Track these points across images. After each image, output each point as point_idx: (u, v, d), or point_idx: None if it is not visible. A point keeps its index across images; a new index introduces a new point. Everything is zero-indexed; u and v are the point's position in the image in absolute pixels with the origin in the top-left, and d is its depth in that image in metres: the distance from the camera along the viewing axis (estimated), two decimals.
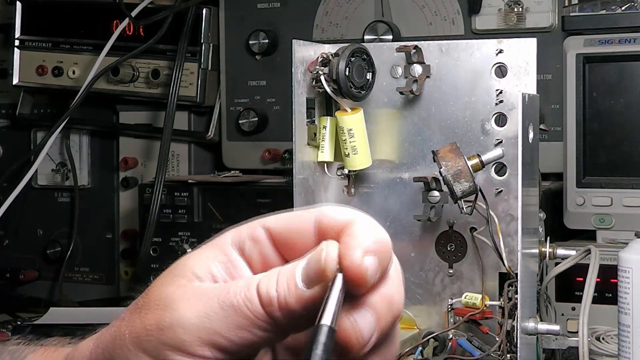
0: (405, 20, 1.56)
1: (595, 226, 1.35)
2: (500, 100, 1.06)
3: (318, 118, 1.09)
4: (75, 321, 1.42)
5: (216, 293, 0.55)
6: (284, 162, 1.62)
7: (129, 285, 1.75)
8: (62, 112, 1.70)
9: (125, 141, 1.78)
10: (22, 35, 1.80)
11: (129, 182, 1.75)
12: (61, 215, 1.82)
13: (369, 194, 1.12)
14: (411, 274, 1.10)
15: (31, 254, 1.85)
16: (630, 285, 1.00)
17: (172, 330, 0.54)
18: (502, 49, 1.05)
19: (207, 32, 1.67)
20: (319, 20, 1.62)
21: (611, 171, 1.35)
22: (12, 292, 1.83)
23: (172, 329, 0.54)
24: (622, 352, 1.01)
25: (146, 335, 0.55)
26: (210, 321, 0.54)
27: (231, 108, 1.68)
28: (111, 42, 1.67)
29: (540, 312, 1.10)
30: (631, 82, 1.34)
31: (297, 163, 1.07)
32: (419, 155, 1.10)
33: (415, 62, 1.07)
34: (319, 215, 0.56)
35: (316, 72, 1.04)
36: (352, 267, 0.52)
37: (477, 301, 1.05)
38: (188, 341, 0.54)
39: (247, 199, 1.50)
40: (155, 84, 1.69)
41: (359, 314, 0.54)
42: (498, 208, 1.05)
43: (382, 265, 0.54)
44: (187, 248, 1.51)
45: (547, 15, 1.46)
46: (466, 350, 1.04)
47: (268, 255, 0.58)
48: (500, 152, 1.02)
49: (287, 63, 1.09)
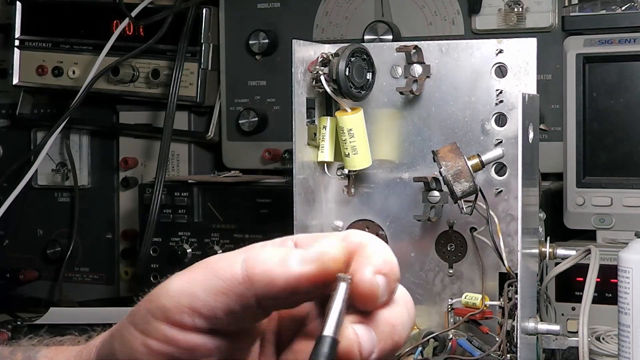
0: (405, 20, 1.56)
1: (595, 226, 1.35)
2: (500, 100, 1.06)
3: (318, 118, 1.09)
4: (75, 321, 1.42)
5: (205, 263, 0.56)
6: (284, 162, 1.62)
7: (129, 285, 1.75)
8: (62, 112, 1.70)
9: (125, 141, 1.78)
10: (22, 35, 1.80)
11: (129, 182, 1.76)
12: (61, 215, 1.82)
13: (369, 194, 1.12)
14: (411, 274, 1.10)
15: (31, 254, 1.85)
16: (630, 285, 1.00)
17: (156, 297, 0.56)
18: (502, 49, 1.05)
19: (207, 32, 1.67)
20: (319, 20, 1.62)
21: (611, 171, 1.35)
22: (12, 292, 1.83)
23: (157, 296, 0.56)
24: (622, 352, 1.01)
25: (137, 307, 0.57)
26: (191, 285, 0.55)
27: (231, 108, 1.68)
28: (111, 42, 1.67)
29: (540, 312, 1.10)
30: (631, 82, 1.34)
31: (297, 163, 1.07)
32: (419, 155, 1.10)
33: (415, 62, 1.07)
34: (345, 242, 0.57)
35: (316, 72, 1.04)
36: (363, 282, 0.54)
37: (477, 301, 1.05)
38: (168, 306, 0.55)
39: (247, 199, 1.50)
40: (155, 84, 1.69)
41: (362, 328, 0.55)
42: (498, 208, 1.05)
43: (390, 287, 0.55)
44: (187, 248, 1.51)
45: (547, 15, 1.46)
46: (466, 350, 1.04)
47: None
48: (500, 152, 1.02)
49: (287, 63, 1.09)
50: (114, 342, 0.59)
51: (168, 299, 0.55)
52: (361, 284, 0.54)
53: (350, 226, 1.13)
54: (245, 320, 0.56)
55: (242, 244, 1.50)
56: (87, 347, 0.64)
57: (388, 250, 0.56)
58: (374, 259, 0.55)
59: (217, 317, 0.55)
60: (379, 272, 0.54)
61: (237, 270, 0.54)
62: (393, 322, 0.56)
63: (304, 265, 0.53)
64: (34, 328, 1.41)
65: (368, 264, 0.54)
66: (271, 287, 0.54)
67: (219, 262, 0.55)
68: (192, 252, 1.51)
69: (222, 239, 1.50)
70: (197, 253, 1.50)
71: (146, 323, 0.56)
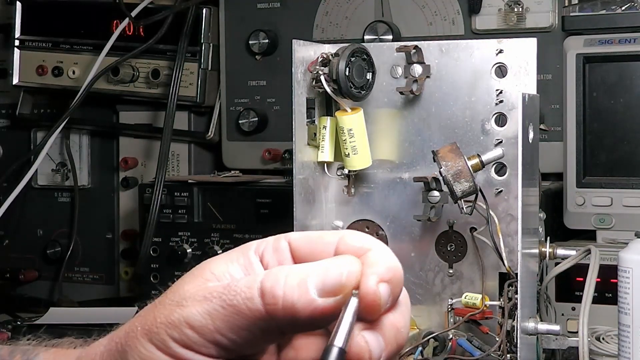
0: (405, 20, 1.56)
1: (595, 226, 1.35)
2: (500, 100, 1.06)
3: (318, 118, 1.09)
4: (75, 321, 1.42)
5: (220, 291, 0.56)
6: (284, 162, 1.62)
7: (129, 285, 1.75)
8: (62, 112, 1.70)
9: (125, 141, 1.78)
10: (22, 35, 1.80)
11: (129, 182, 1.75)
12: (61, 215, 1.82)
13: (369, 194, 1.12)
14: (411, 274, 1.10)
15: (31, 254, 1.85)
16: (630, 285, 1.00)
17: (179, 325, 0.56)
18: (502, 49, 1.05)
19: (207, 32, 1.67)
20: (319, 20, 1.62)
21: (611, 171, 1.35)
22: (12, 292, 1.83)
23: (179, 324, 0.56)
24: (622, 352, 1.01)
25: (155, 327, 0.57)
26: (213, 320, 0.55)
27: (231, 108, 1.68)
28: (111, 42, 1.67)
29: (540, 312, 1.10)
30: (631, 82, 1.34)
31: (297, 163, 1.07)
32: (419, 155, 1.10)
33: (415, 62, 1.07)
34: (341, 238, 0.58)
35: (316, 72, 1.04)
36: (367, 293, 0.54)
37: (477, 301, 1.05)
38: (192, 338, 0.56)
39: (247, 199, 1.50)
40: (155, 84, 1.69)
41: (370, 335, 0.56)
42: (498, 208, 1.05)
43: (394, 293, 0.56)
44: (187, 248, 1.51)
45: (547, 15, 1.46)
46: (466, 350, 1.04)
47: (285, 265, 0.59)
48: (500, 152, 1.02)
49: (287, 63, 1.09)
50: (128, 356, 0.59)
51: (192, 332, 0.56)
52: (366, 296, 0.54)
53: (350, 226, 1.12)
54: (265, 341, 0.58)
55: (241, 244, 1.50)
56: (86, 354, 0.64)
57: (391, 255, 0.56)
58: (377, 267, 0.55)
59: (238, 345, 0.56)
60: (383, 280, 0.55)
61: (258, 306, 0.55)
62: (398, 325, 0.57)
63: (327, 299, 0.54)
64: (34, 328, 1.41)
65: (371, 273, 0.55)
66: (294, 321, 0.55)
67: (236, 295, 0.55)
68: (192, 252, 1.51)
69: (222, 239, 1.50)
70: (197, 253, 1.50)
71: (167, 347, 0.56)
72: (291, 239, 0.60)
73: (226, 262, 0.59)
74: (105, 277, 1.80)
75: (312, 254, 0.59)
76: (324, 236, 0.59)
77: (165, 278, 1.51)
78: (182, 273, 0.59)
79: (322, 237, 0.59)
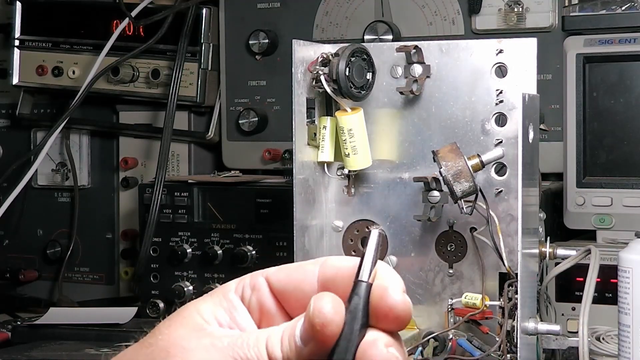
0: (405, 20, 1.56)
1: (595, 226, 1.35)
2: (500, 100, 1.06)
3: (318, 118, 1.09)
4: (75, 321, 1.42)
5: (230, 344, 0.57)
6: (284, 162, 1.62)
7: (129, 285, 1.75)
8: (62, 112, 1.70)
9: (125, 141, 1.78)
10: (22, 35, 1.80)
11: (129, 182, 1.75)
12: (61, 215, 1.82)
13: (369, 194, 1.12)
14: (411, 274, 1.10)
15: (31, 254, 1.84)
16: (630, 285, 1.00)
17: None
18: (502, 49, 1.05)
19: (207, 32, 1.67)
20: (319, 20, 1.62)
21: (611, 171, 1.35)
22: (12, 292, 1.83)
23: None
24: (622, 352, 1.01)
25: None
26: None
27: (231, 108, 1.68)
28: (111, 42, 1.67)
29: (540, 312, 1.10)
30: (631, 82, 1.34)
31: (297, 163, 1.07)
32: (419, 155, 1.10)
33: (415, 62, 1.07)
34: (322, 266, 0.59)
35: (316, 72, 1.04)
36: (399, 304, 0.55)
37: (477, 301, 1.05)
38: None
39: (247, 199, 1.50)
40: (155, 84, 1.69)
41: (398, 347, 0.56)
42: (498, 208, 1.05)
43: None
44: (187, 248, 1.51)
45: (547, 15, 1.46)
46: (466, 350, 1.04)
47: (265, 303, 0.60)
48: (500, 152, 1.02)
49: (287, 63, 1.09)
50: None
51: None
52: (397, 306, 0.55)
53: (350, 226, 1.13)
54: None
55: (242, 244, 1.50)
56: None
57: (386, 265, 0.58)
58: (389, 279, 0.56)
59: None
60: (403, 289, 0.56)
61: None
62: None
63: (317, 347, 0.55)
64: (34, 328, 1.41)
65: (389, 285, 0.55)
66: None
67: (246, 348, 0.57)
68: (192, 252, 1.50)
69: (222, 239, 1.50)
70: (197, 253, 1.50)
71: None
72: (268, 274, 0.61)
73: (212, 307, 0.60)
74: (105, 277, 1.80)
75: (292, 284, 0.59)
76: (304, 265, 0.60)
77: (165, 278, 1.51)
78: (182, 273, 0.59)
79: (302, 266, 0.60)
